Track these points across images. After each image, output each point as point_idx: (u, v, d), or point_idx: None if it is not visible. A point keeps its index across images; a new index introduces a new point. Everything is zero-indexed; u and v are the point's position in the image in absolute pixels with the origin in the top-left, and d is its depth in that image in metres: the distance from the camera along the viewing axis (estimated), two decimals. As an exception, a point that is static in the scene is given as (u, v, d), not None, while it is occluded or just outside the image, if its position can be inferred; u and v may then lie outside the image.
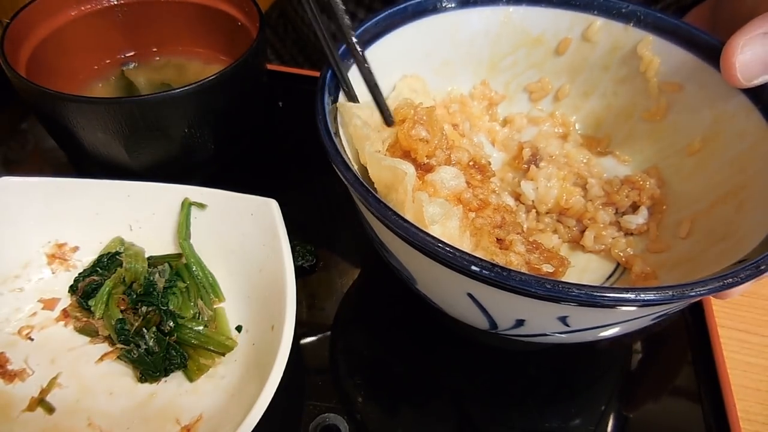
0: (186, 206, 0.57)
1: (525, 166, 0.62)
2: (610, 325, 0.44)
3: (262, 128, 0.78)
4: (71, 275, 0.57)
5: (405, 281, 0.50)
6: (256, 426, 0.42)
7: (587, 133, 0.66)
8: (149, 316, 0.53)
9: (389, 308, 0.62)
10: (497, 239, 0.50)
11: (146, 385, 0.51)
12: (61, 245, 0.58)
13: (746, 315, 0.65)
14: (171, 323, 0.52)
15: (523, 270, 0.49)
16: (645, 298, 0.36)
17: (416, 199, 0.45)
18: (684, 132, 0.58)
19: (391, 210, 0.40)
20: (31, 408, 0.49)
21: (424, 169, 0.50)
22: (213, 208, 0.58)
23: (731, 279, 0.38)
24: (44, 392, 0.50)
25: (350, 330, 0.60)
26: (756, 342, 0.63)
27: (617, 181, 0.60)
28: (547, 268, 0.50)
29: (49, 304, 0.56)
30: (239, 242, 0.57)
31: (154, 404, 0.50)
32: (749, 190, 0.50)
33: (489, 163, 0.55)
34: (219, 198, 0.57)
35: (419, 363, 0.57)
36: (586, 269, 0.58)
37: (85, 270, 0.57)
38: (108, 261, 0.57)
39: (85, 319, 0.54)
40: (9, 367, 0.51)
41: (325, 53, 0.50)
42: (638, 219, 0.58)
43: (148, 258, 0.58)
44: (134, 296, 0.54)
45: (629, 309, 0.41)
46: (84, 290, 0.55)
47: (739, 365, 0.60)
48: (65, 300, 0.56)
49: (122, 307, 0.54)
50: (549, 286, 0.36)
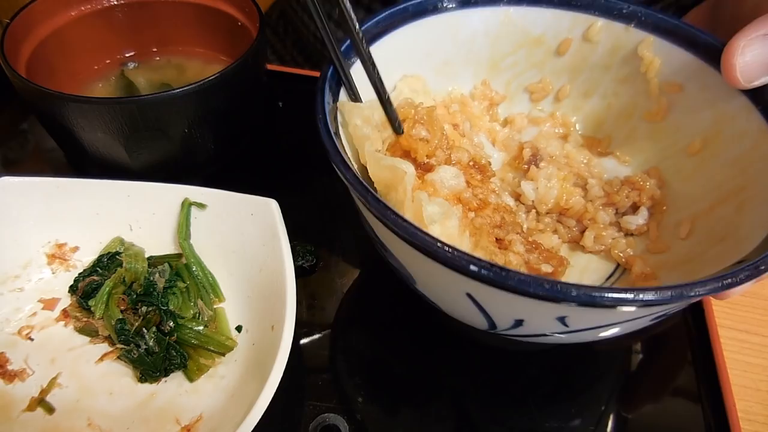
0: (186, 206, 0.57)
1: (525, 167, 0.62)
2: (610, 326, 0.44)
3: (262, 128, 0.78)
4: (71, 275, 0.57)
5: (404, 281, 0.50)
6: (256, 426, 0.42)
7: (588, 134, 0.66)
8: (149, 316, 0.53)
9: (390, 308, 0.61)
10: (496, 239, 0.50)
11: (146, 385, 0.51)
12: (61, 245, 0.58)
13: (746, 315, 0.65)
14: (171, 323, 0.53)
15: (522, 270, 0.49)
16: (643, 299, 0.36)
17: (415, 199, 0.45)
18: (684, 132, 0.58)
19: (390, 209, 0.40)
20: (31, 408, 0.49)
21: (424, 169, 0.50)
22: (213, 208, 0.58)
23: (730, 280, 0.38)
24: (44, 392, 0.50)
25: (350, 330, 0.60)
26: (756, 342, 0.63)
27: (617, 182, 0.60)
28: (546, 268, 0.50)
29: (49, 304, 0.56)
30: (239, 242, 0.57)
31: (154, 404, 0.50)
32: (749, 191, 0.50)
33: (489, 163, 0.55)
34: (219, 198, 0.57)
35: (419, 363, 0.57)
36: (586, 269, 0.58)
37: (85, 270, 0.57)
38: (108, 261, 0.57)
39: (85, 319, 0.54)
40: (9, 367, 0.51)
41: (327, 49, 0.49)
42: (638, 219, 0.58)
43: (148, 258, 0.58)
44: (134, 296, 0.54)
45: (628, 309, 0.41)
46: (84, 290, 0.55)
47: (739, 365, 0.60)
48: (65, 300, 0.56)
49: (122, 307, 0.54)
50: (547, 286, 0.36)
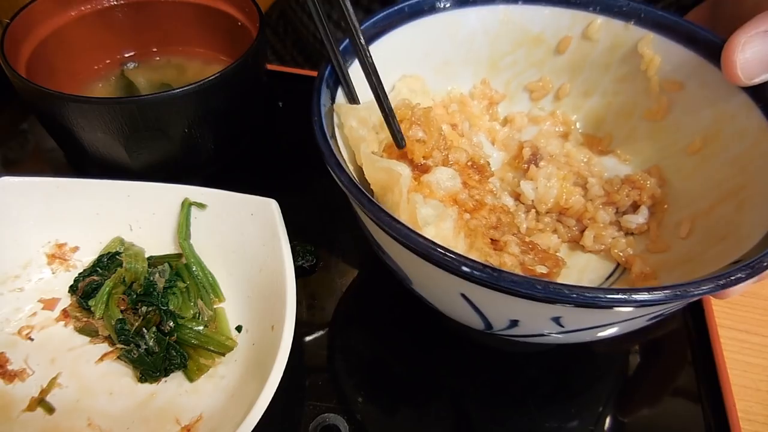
0: (186, 206, 0.57)
1: (525, 166, 0.62)
2: (606, 326, 0.44)
3: (262, 128, 0.78)
4: (71, 275, 0.57)
5: (402, 282, 0.50)
6: (256, 426, 0.42)
7: (588, 132, 0.66)
8: (149, 316, 0.53)
9: (390, 308, 0.61)
10: (492, 240, 0.50)
11: (146, 385, 0.51)
12: (61, 245, 0.58)
13: (746, 315, 0.65)
14: (171, 323, 0.53)
15: (517, 271, 0.48)
16: (637, 299, 0.36)
17: (410, 201, 0.45)
18: (685, 131, 0.58)
19: (384, 211, 0.40)
20: (31, 408, 0.49)
21: (421, 170, 0.50)
22: (213, 208, 0.58)
23: (725, 280, 0.37)
24: (44, 392, 0.50)
25: (350, 330, 0.60)
26: (756, 342, 0.63)
27: (618, 181, 0.60)
28: (541, 270, 0.50)
29: (49, 304, 0.56)
30: (239, 242, 0.57)
31: (154, 404, 0.50)
32: (750, 190, 0.50)
33: (488, 163, 0.55)
34: (219, 198, 0.57)
35: (419, 363, 0.57)
36: (586, 269, 0.57)
37: (85, 270, 0.57)
38: (108, 261, 0.57)
39: (85, 319, 0.54)
40: (9, 367, 0.51)
41: (325, 48, 0.49)
42: (638, 219, 0.57)
43: (148, 258, 0.58)
44: (134, 296, 0.54)
45: (622, 310, 0.41)
46: (84, 290, 0.55)
47: (739, 365, 0.60)
48: (65, 300, 0.56)
49: (122, 307, 0.54)
50: (539, 287, 0.36)
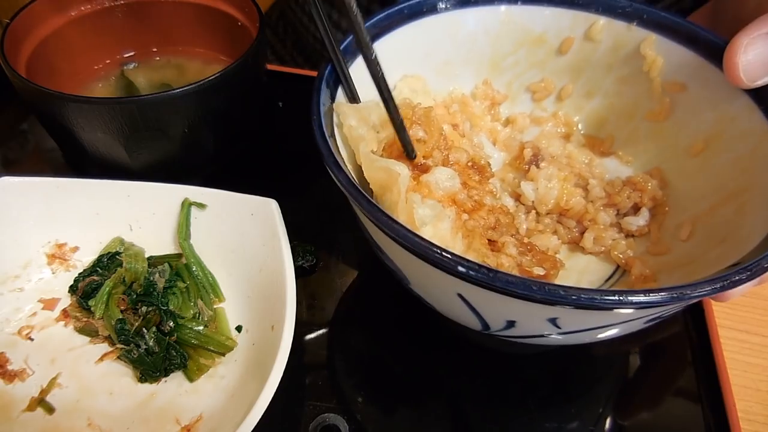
0: (186, 206, 0.57)
1: (526, 167, 0.62)
2: (603, 328, 0.44)
3: (262, 128, 0.78)
4: (71, 275, 0.57)
5: (400, 282, 0.50)
6: (256, 426, 0.42)
7: (590, 134, 0.66)
8: (149, 316, 0.53)
9: (390, 309, 0.61)
10: (490, 241, 0.49)
11: (146, 385, 0.51)
12: (61, 245, 0.58)
13: (746, 315, 0.65)
14: (171, 323, 0.53)
15: (515, 272, 0.48)
16: (633, 301, 0.36)
17: (408, 201, 0.45)
18: (687, 132, 0.58)
19: (381, 211, 0.40)
20: (31, 408, 0.49)
21: (421, 170, 0.50)
22: (213, 208, 0.57)
23: (722, 283, 0.37)
24: (44, 392, 0.50)
25: (350, 330, 0.60)
26: (756, 342, 0.63)
27: (619, 182, 0.60)
28: (539, 271, 0.50)
29: (49, 304, 0.56)
30: (239, 242, 0.57)
31: (154, 404, 0.50)
32: (750, 192, 0.49)
33: (488, 164, 0.55)
34: (219, 198, 0.57)
35: (419, 364, 0.57)
36: (586, 271, 0.57)
37: (85, 270, 0.57)
38: (108, 261, 0.57)
39: (85, 319, 0.54)
40: (9, 367, 0.51)
41: (326, 48, 0.49)
42: (639, 220, 0.57)
43: (148, 258, 0.58)
44: (134, 296, 0.54)
45: (619, 312, 0.41)
46: (84, 290, 0.55)
47: (739, 365, 0.60)
48: (65, 300, 0.56)
49: (122, 307, 0.54)
50: (535, 288, 0.36)
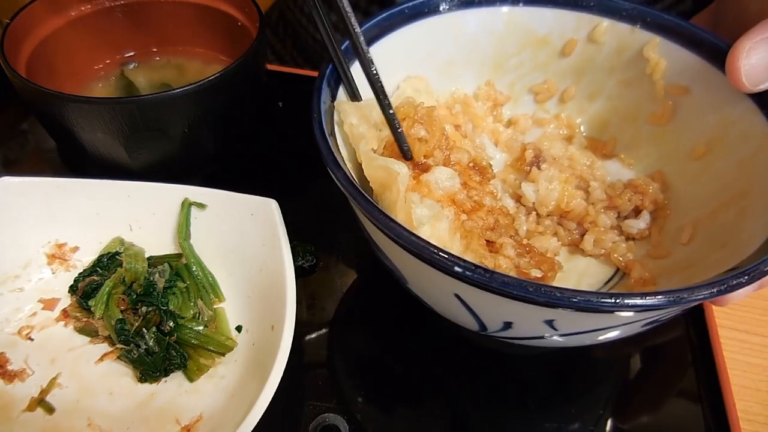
0: (186, 206, 0.57)
1: (527, 168, 0.62)
2: (600, 330, 0.44)
3: (262, 128, 0.78)
4: (71, 275, 0.57)
5: (398, 281, 0.50)
6: (256, 426, 0.42)
7: (592, 136, 0.66)
8: (149, 316, 0.53)
9: (390, 309, 0.61)
10: (488, 242, 0.49)
11: (146, 385, 0.51)
12: (61, 245, 0.58)
13: (746, 315, 0.65)
14: (171, 323, 0.53)
15: (512, 274, 0.48)
16: (629, 304, 0.36)
17: (407, 200, 0.45)
18: (689, 136, 0.57)
19: (379, 210, 0.40)
20: (31, 408, 0.49)
21: (421, 169, 0.50)
22: (213, 208, 0.57)
23: (719, 287, 0.37)
24: (44, 392, 0.50)
25: (351, 330, 0.60)
26: (756, 342, 0.63)
27: (620, 185, 0.60)
28: (536, 273, 0.50)
29: (49, 304, 0.56)
30: (239, 242, 0.57)
31: (154, 404, 0.50)
32: (752, 196, 0.49)
33: (490, 165, 0.55)
34: (219, 198, 0.57)
35: (419, 364, 0.57)
36: (585, 273, 0.57)
37: (85, 270, 0.57)
38: (108, 261, 0.57)
39: (85, 319, 0.54)
40: (9, 367, 0.51)
41: (326, 48, 0.49)
42: (640, 223, 0.57)
43: (148, 258, 0.58)
44: (134, 296, 0.54)
45: (616, 314, 0.40)
46: (84, 290, 0.55)
47: (739, 365, 0.60)
48: (65, 300, 0.56)
49: (122, 307, 0.54)
50: (531, 289, 0.36)
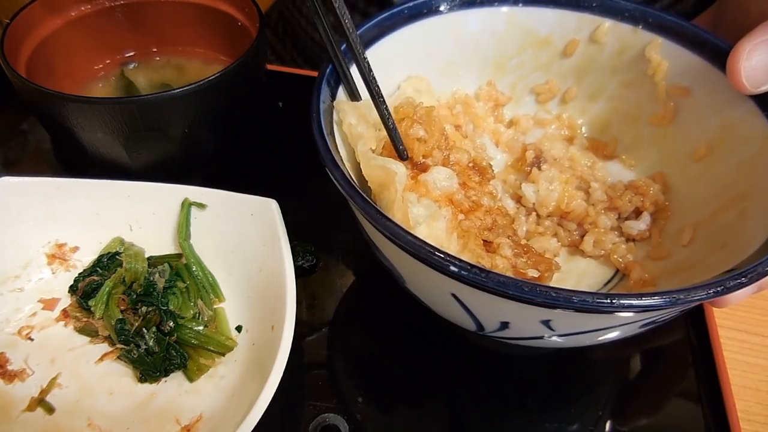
0: (186, 206, 0.57)
1: (528, 168, 0.62)
2: (597, 331, 0.44)
3: (262, 128, 0.78)
4: (71, 275, 0.57)
5: (395, 280, 0.50)
6: (256, 426, 0.42)
7: (593, 137, 0.66)
8: (149, 316, 0.53)
9: (390, 309, 0.61)
10: (486, 242, 0.49)
11: (146, 385, 0.51)
12: (61, 245, 0.58)
13: (746, 315, 0.65)
14: (171, 323, 0.53)
15: (509, 274, 0.48)
16: (624, 304, 0.36)
17: (404, 200, 0.46)
18: (690, 137, 0.57)
19: (376, 209, 0.40)
20: (31, 408, 0.49)
21: (420, 169, 0.50)
22: (213, 208, 0.57)
23: (716, 289, 0.37)
24: (44, 392, 0.50)
25: (351, 330, 0.60)
26: (756, 342, 0.63)
27: (621, 186, 0.60)
28: (533, 273, 0.50)
29: (49, 304, 0.56)
30: (239, 242, 0.57)
31: (154, 404, 0.50)
32: (752, 198, 0.49)
33: (490, 165, 0.55)
34: (219, 198, 0.57)
35: (419, 364, 0.57)
36: (585, 274, 0.57)
37: (85, 270, 0.57)
38: (108, 261, 0.57)
39: (85, 319, 0.54)
40: (9, 367, 0.51)
41: (326, 48, 0.49)
42: (640, 225, 0.57)
43: (148, 258, 0.58)
44: (134, 296, 0.54)
45: (612, 315, 0.40)
46: (84, 290, 0.55)
47: (739, 365, 0.60)
48: (65, 300, 0.56)
49: (122, 307, 0.54)
50: (526, 289, 0.36)
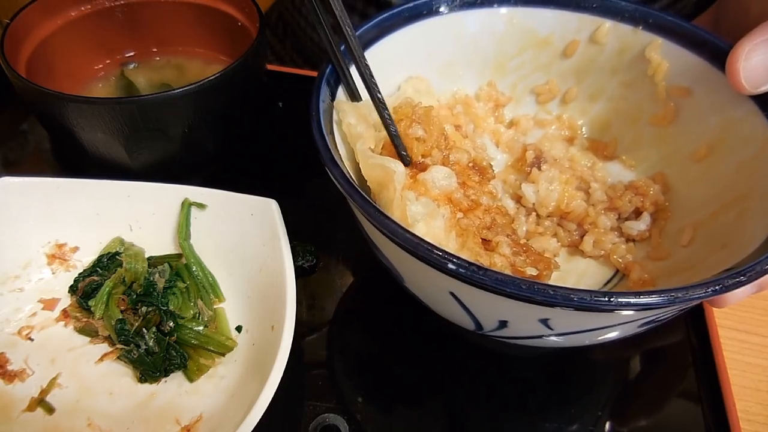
0: (186, 206, 0.57)
1: (528, 169, 0.62)
2: (595, 330, 0.44)
3: (262, 128, 0.78)
4: (71, 275, 0.57)
5: (395, 279, 0.50)
6: (256, 426, 0.42)
7: (594, 137, 0.66)
8: (149, 316, 0.53)
9: (390, 309, 0.61)
10: (484, 241, 0.49)
11: (146, 385, 0.51)
12: (61, 245, 0.58)
13: (746, 315, 0.65)
14: (171, 323, 0.53)
15: (507, 272, 0.48)
16: (622, 302, 0.36)
17: (402, 198, 0.46)
18: (691, 138, 0.57)
19: (374, 207, 0.40)
20: (31, 408, 0.49)
21: (419, 168, 0.50)
22: (213, 208, 0.57)
23: (714, 287, 0.37)
24: (44, 392, 0.50)
25: (351, 330, 0.60)
26: (756, 342, 0.63)
27: (621, 186, 0.60)
28: (531, 271, 0.50)
29: (49, 305, 0.56)
30: (239, 242, 0.57)
31: (154, 404, 0.50)
32: (752, 198, 0.49)
33: (490, 165, 0.55)
34: (219, 198, 0.57)
35: (419, 364, 0.57)
36: (585, 275, 0.57)
37: (85, 270, 0.57)
38: (108, 261, 0.57)
39: (85, 320, 0.54)
40: (9, 367, 0.51)
41: (325, 48, 0.49)
42: (640, 225, 0.57)
43: (148, 258, 0.58)
44: (134, 296, 0.54)
45: (610, 314, 0.40)
46: (84, 290, 0.55)
47: (739, 365, 0.60)
48: (65, 300, 0.56)
49: (122, 308, 0.54)
50: (524, 287, 0.36)
